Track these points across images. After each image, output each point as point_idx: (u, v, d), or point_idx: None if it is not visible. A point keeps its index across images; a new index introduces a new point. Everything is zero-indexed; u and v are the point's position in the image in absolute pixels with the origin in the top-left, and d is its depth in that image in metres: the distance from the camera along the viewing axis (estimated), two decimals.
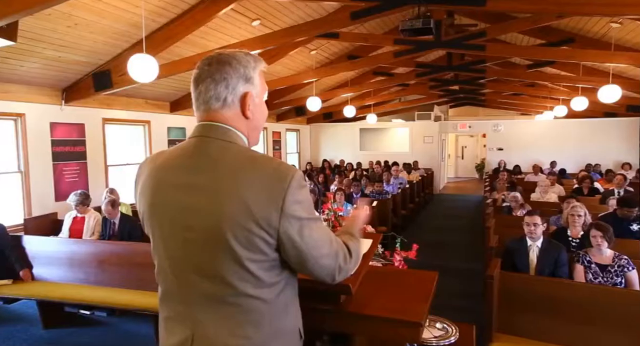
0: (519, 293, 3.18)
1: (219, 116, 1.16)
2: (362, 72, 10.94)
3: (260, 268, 1.10)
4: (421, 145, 13.83)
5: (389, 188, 8.25)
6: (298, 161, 14.27)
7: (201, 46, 6.23)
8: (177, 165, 1.15)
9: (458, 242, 7.40)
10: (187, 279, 1.13)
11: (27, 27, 4.58)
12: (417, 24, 4.33)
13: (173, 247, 1.14)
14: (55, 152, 6.06)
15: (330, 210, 2.23)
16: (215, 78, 1.13)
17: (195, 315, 1.13)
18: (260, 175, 1.08)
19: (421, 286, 1.66)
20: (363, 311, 1.45)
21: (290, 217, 1.08)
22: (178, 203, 1.11)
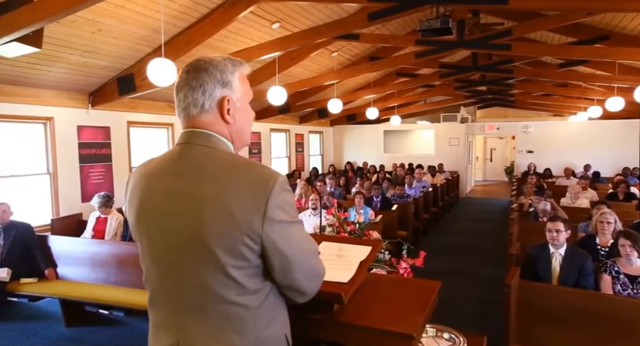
0: (539, 304, 3.03)
1: (198, 122, 1.15)
2: (385, 73, 10.82)
3: (243, 275, 1.08)
4: (447, 147, 13.56)
5: (411, 191, 8.11)
6: (321, 163, 14.26)
7: (222, 49, 6.30)
8: (162, 172, 1.15)
9: (482, 247, 7.18)
10: (171, 286, 1.13)
11: (54, 34, 4.74)
12: (436, 24, 4.23)
13: (158, 254, 1.14)
14: (82, 155, 6.26)
15: (334, 215, 2.18)
16: (192, 85, 1.13)
17: (180, 322, 1.13)
18: (242, 181, 1.07)
19: (421, 296, 1.59)
20: (355, 321, 1.39)
21: (273, 221, 1.07)
22: (163, 210, 1.11)
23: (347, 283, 1.50)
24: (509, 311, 2.89)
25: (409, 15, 5.63)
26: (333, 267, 1.61)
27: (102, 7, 4.59)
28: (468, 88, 11.43)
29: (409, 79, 10.49)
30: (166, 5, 4.88)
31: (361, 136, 14.56)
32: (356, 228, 2.20)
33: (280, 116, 11.01)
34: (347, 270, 1.57)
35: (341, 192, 8.02)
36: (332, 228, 2.20)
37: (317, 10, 6.32)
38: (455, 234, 8.22)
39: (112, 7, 4.65)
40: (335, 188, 8.11)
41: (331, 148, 14.86)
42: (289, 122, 12.24)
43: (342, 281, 1.49)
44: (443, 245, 7.33)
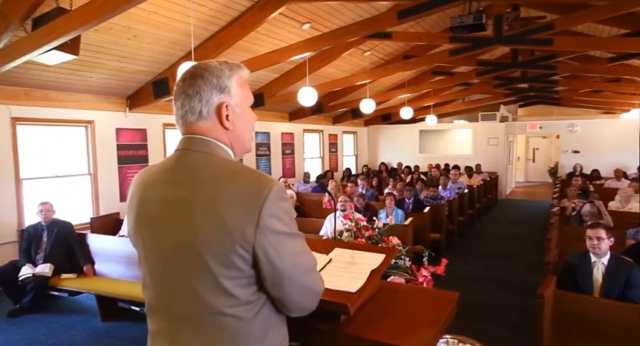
0: (578, 317, 2.84)
1: (197, 129, 1.13)
2: (420, 72, 10.59)
3: (236, 286, 1.05)
4: (485, 147, 13.09)
5: (445, 193, 7.87)
6: (355, 164, 14.15)
7: (252, 51, 6.36)
8: (159, 179, 1.14)
9: (520, 252, 6.86)
10: (165, 295, 1.11)
11: (92, 41, 4.95)
12: (468, 20, 4.06)
13: (153, 262, 1.12)
14: (120, 156, 6.51)
15: (351, 220, 2.12)
16: (188, 93, 1.11)
17: (174, 331, 1.11)
18: (236, 188, 1.04)
19: (436, 308, 1.50)
20: (362, 334, 1.33)
21: (267, 230, 1.02)
22: (157, 218, 1.10)
23: (356, 293, 1.44)
24: (543, 323, 2.72)
25: (441, 11, 5.46)
26: (343, 275, 1.56)
27: (136, 14, 4.74)
28: (508, 86, 10.98)
29: (444, 77, 10.21)
30: (196, 9, 4.98)
31: (396, 136, 14.33)
32: (375, 234, 2.13)
33: (313, 117, 11.01)
34: (357, 279, 1.51)
35: (373, 193, 7.91)
36: (350, 233, 2.14)
37: (347, 9, 6.25)
38: (493, 238, 7.91)
39: (145, 13, 4.79)
40: (367, 189, 8.01)
41: (365, 149, 14.72)
42: (322, 123, 12.23)
43: (350, 291, 1.44)
44: (479, 249, 7.07)
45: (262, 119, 9.85)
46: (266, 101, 8.29)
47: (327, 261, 1.66)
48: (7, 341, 4.05)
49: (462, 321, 4.17)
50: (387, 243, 2.08)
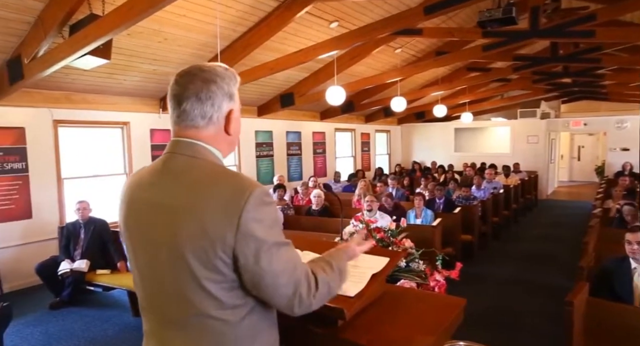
0: (614, 327, 2.66)
1: (200, 133, 1.13)
2: (454, 68, 10.31)
3: (220, 289, 1.05)
4: (524, 146, 12.57)
5: (479, 193, 7.62)
6: (388, 163, 13.98)
7: (280, 51, 6.39)
8: (146, 182, 1.15)
9: (559, 255, 6.53)
10: (155, 296, 1.13)
11: (125, 45, 5.14)
12: (497, 14, 3.89)
13: (142, 264, 1.14)
14: (154, 156, 6.73)
15: (362, 222, 2.08)
16: (200, 97, 1.11)
17: (164, 332, 1.12)
18: (217, 192, 1.04)
19: (439, 315, 1.45)
20: (357, 339, 1.30)
21: (247, 235, 1.01)
22: (144, 222, 1.12)
23: (354, 297, 1.41)
24: (572, 333, 2.57)
25: (472, 5, 5.27)
26: None
27: (166, 18, 4.87)
28: (549, 82, 10.48)
29: (480, 73, 9.88)
30: (223, 11, 5.06)
31: (430, 134, 14.03)
32: (386, 236, 2.07)
33: (345, 115, 10.96)
34: (356, 283, 1.48)
35: (403, 193, 7.77)
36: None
37: (375, 6, 6.17)
38: (530, 240, 7.57)
39: (174, 16, 4.92)
40: (397, 189, 7.88)
41: (399, 148, 14.50)
42: (354, 121, 12.14)
43: (348, 295, 1.41)
44: (514, 252, 6.79)
45: (293, 118, 9.91)
46: (296, 100, 8.33)
47: None
48: (47, 331, 4.28)
49: (492, 327, 4.04)
50: (398, 246, 2.02)
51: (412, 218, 5.87)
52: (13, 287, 5.30)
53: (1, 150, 5.26)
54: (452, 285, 5.18)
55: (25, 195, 5.45)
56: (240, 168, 8.56)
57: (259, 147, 9.05)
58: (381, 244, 2.03)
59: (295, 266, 1.10)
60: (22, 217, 5.41)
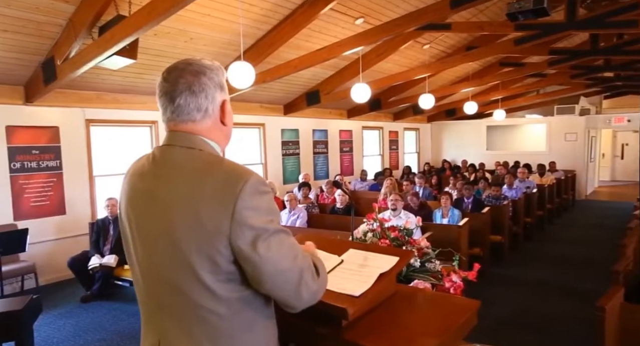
0: None
1: (197, 126, 1.12)
2: (486, 64, 9.99)
3: (215, 281, 1.03)
4: (561, 143, 12.06)
5: (510, 192, 7.34)
6: (417, 161, 13.73)
7: (305, 49, 6.37)
8: (143, 172, 1.15)
9: (595, 258, 6.19)
10: (151, 287, 1.12)
11: (153, 46, 5.25)
12: (527, 5, 3.71)
13: (140, 254, 1.13)
14: None
15: (375, 220, 2.01)
16: (194, 89, 1.10)
17: (160, 323, 1.12)
18: (211, 182, 1.02)
19: (449, 317, 1.37)
20: (360, 340, 1.24)
21: (242, 224, 0.99)
22: (141, 212, 1.11)
23: (359, 297, 1.35)
24: (604, 340, 2.41)
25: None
26: (350, 278, 1.48)
27: (191, 17, 4.95)
28: (589, 76, 9.98)
29: (513, 68, 9.52)
30: (247, 9, 5.08)
31: (462, 132, 13.68)
32: (401, 235, 2.00)
33: (372, 113, 10.84)
34: (363, 283, 1.42)
35: (431, 192, 7.60)
36: (374, 233, 2.03)
37: (402, 1, 6.05)
38: (565, 242, 7.23)
39: (199, 16, 4.98)
40: (424, 188, 7.71)
41: (428, 146, 14.22)
42: (382, 119, 12.00)
43: (353, 295, 1.36)
44: (548, 253, 6.50)
45: (320, 116, 9.88)
46: (322, 99, 8.29)
47: (339, 263, 1.59)
48: (78, 323, 4.43)
49: (521, 330, 3.87)
50: (412, 246, 1.95)
51: (438, 217, 5.73)
52: (48, 280, 5.53)
53: (37, 149, 5.50)
54: (479, 286, 5.01)
55: (59, 192, 5.67)
56: (266, 166, 8.61)
57: (285, 146, 9.07)
58: (395, 243, 1.96)
59: (297, 253, 1.08)
60: (56, 213, 5.63)
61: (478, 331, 4.08)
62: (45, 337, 4.12)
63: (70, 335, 4.16)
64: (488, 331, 3.91)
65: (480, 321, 4.50)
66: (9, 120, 5.30)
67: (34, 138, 5.48)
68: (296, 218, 5.95)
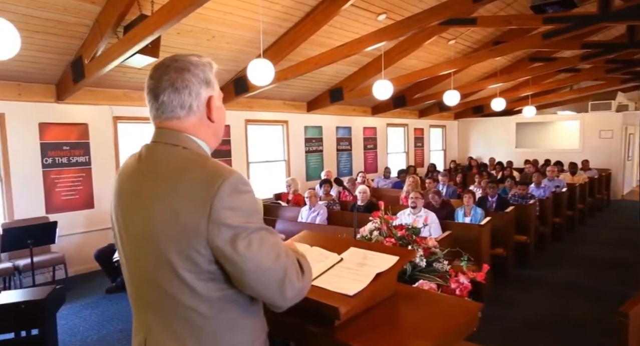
0: None
1: (183, 123, 1.11)
2: (515, 59, 9.69)
3: (197, 280, 1.03)
4: (596, 141, 11.57)
5: (538, 191, 7.11)
6: (443, 159, 13.49)
7: (327, 45, 6.34)
8: (129, 170, 1.15)
9: (628, 261, 5.91)
10: (138, 285, 1.13)
11: (175, 44, 5.35)
12: None
13: (127, 253, 1.14)
14: None
15: (381, 218, 1.98)
16: (176, 86, 1.08)
17: (146, 320, 1.13)
18: (189, 180, 1.01)
19: (446, 320, 1.34)
20: (351, 340, 1.23)
21: (219, 224, 0.97)
22: (127, 210, 1.12)
23: (353, 296, 1.34)
24: None
25: None
26: (347, 276, 1.47)
27: (213, 16, 5.02)
28: (627, 70, 9.51)
29: (544, 63, 9.18)
30: (268, 7, 5.11)
31: (489, 129, 13.33)
32: (408, 234, 1.97)
33: (397, 110, 10.71)
34: (359, 282, 1.41)
35: (454, 190, 7.44)
36: (381, 232, 2.00)
37: None
38: (596, 243, 6.95)
39: (221, 14, 5.04)
40: (448, 186, 7.57)
41: (455, 143, 13.94)
42: (407, 116, 11.84)
43: (347, 294, 1.34)
44: (577, 255, 6.26)
45: (343, 114, 9.84)
46: (345, 95, 8.25)
47: (337, 261, 1.58)
48: (103, 314, 4.59)
49: (543, 333, 3.75)
50: (418, 245, 1.91)
51: (460, 216, 5.61)
52: (77, 271, 5.76)
53: (67, 145, 5.72)
54: (502, 287, 4.91)
55: (88, 187, 5.89)
56: (289, 163, 8.66)
57: (308, 143, 9.09)
58: (401, 242, 1.93)
59: (280, 251, 1.06)
60: (85, 207, 5.85)
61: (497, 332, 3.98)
62: (72, 325, 4.30)
63: (95, 324, 4.32)
64: (508, 333, 3.82)
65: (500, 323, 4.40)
66: (41, 118, 5.53)
67: (64, 134, 5.70)
68: (316, 215, 5.96)
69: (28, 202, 5.44)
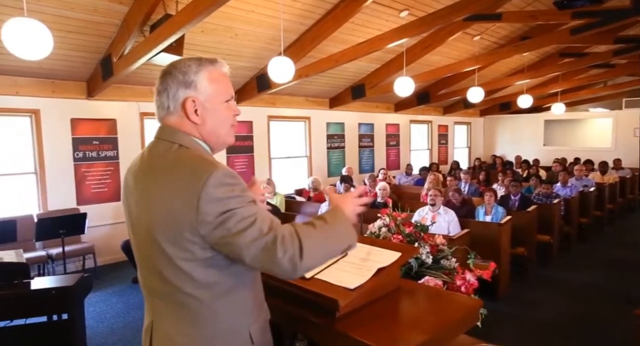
0: None
1: (166, 123, 1.20)
2: (543, 55, 9.44)
3: (195, 267, 1.10)
4: (630, 139, 11.13)
5: (564, 191, 6.93)
6: (468, 156, 13.28)
7: (349, 42, 6.35)
8: (134, 167, 1.24)
9: None
10: (144, 273, 1.22)
11: (200, 43, 5.49)
12: None
13: (134, 244, 1.24)
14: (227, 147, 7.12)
15: (389, 216, 2.02)
16: (159, 89, 1.19)
17: (153, 305, 1.22)
18: (178, 176, 1.09)
19: (443, 315, 1.38)
20: (349, 331, 1.28)
21: (207, 215, 1.04)
22: (132, 203, 1.21)
23: (353, 290, 1.39)
24: None
25: None
26: (350, 271, 1.52)
27: (236, 14, 5.11)
28: None
29: (574, 59, 8.90)
30: (290, 5, 5.17)
31: (517, 127, 13.03)
32: (416, 231, 1.99)
33: (421, 107, 10.61)
34: (361, 276, 1.46)
35: (477, 188, 7.34)
36: (389, 229, 2.04)
37: None
38: (624, 245, 6.72)
39: (244, 12, 5.14)
40: (470, 184, 7.47)
41: (480, 141, 13.69)
42: (431, 113, 11.71)
43: (348, 287, 1.40)
44: (604, 257, 6.08)
45: (366, 110, 9.83)
46: (367, 92, 8.25)
47: (342, 256, 1.63)
48: (128, 302, 4.79)
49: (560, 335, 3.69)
50: (425, 242, 1.94)
51: (481, 214, 5.54)
52: (105, 261, 6.01)
53: (97, 140, 5.97)
54: (523, 287, 4.84)
55: (116, 180, 6.13)
56: (311, 159, 8.73)
57: (330, 139, 9.13)
58: (408, 239, 1.96)
59: (266, 215, 1.09)
60: (113, 199, 6.09)
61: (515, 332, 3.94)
62: (99, 312, 4.51)
63: (121, 312, 4.52)
64: (525, 333, 3.78)
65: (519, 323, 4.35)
66: (73, 113, 5.79)
67: (94, 129, 5.95)
68: None
69: (60, 194, 5.72)
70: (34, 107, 5.51)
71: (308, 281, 1.45)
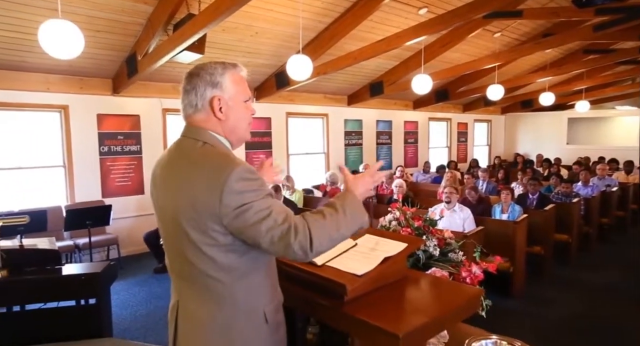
0: None
1: (194, 120, 1.32)
2: (567, 51, 9.26)
3: (217, 252, 1.22)
4: None
5: (585, 190, 6.83)
6: (488, 154, 13.13)
7: (367, 40, 6.38)
8: (163, 162, 1.37)
9: None
10: (172, 258, 1.35)
11: (221, 41, 5.63)
12: None
13: (163, 231, 1.37)
14: (247, 143, 7.27)
15: (398, 209, 2.09)
16: (187, 89, 1.31)
17: (179, 286, 1.35)
18: (203, 171, 1.21)
19: (445, 301, 1.45)
20: (355, 313, 1.37)
21: (229, 207, 1.16)
22: (160, 194, 1.33)
23: (361, 276, 1.48)
24: None
25: None
26: (358, 259, 1.61)
27: (256, 13, 5.23)
28: None
29: (599, 56, 8.70)
30: (309, 3, 5.25)
31: (539, 125, 12.81)
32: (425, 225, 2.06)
33: (440, 104, 10.56)
34: (368, 264, 1.55)
35: (495, 186, 7.29)
36: (399, 222, 2.11)
37: None
38: None
39: (264, 11, 5.25)
40: (488, 182, 7.43)
41: (501, 139, 13.51)
42: (450, 110, 11.63)
43: (355, 274, 1.48)
44: (622, 258, 5.99)
45: (384, 107, 9.85)
46: (385, 89, 8.27)
47: (352, 246, 1.72)
48: (150, 292, 4.98)
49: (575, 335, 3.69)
50: (433, 235, 2.00)
51: (497, 213, 5.53)
52: (128, 252, 6.24)
53: (122, 135, 6.19)
54: (539, 286, 4.83)
55: (139, 174, 6.35)
56: (329, 156, 8.81)
57: (348, 136, 9.19)
58: (417, 232, 2.03)
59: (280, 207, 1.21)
60: (136, 193, 6.31)
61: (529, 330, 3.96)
62: (123, 300, 4.71)
63: (143, 300, 4.71)
64: (540, 332, 3.78)
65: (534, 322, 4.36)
66: (99, 109, 6.02)
67: (119, 125, 6.17)
68: None
69: (87, 186, 5.96)
70: (63, 103, 5.76)
71: (319, 268, 1.55)
